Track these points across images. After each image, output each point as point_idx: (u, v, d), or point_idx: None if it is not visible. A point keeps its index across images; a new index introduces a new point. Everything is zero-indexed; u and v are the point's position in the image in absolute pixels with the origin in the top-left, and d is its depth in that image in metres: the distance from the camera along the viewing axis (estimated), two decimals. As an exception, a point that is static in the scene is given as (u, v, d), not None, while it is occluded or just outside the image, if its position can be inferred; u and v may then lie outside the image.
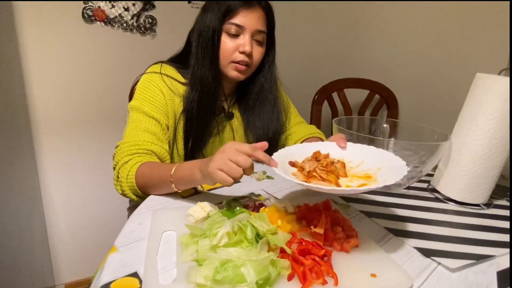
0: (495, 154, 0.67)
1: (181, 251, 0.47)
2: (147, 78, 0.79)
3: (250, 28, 0.76)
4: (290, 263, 0.44)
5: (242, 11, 0.75)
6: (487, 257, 0.52)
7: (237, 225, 0.48)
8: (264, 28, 0.79)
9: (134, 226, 0.56)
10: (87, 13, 1.14)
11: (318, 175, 0.54)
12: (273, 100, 0.88)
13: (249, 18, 0.75)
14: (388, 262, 0.48)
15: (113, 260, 0.46)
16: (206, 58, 0.77)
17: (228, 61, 0.78)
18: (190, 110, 0.80)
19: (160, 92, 0.78)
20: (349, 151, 0.65)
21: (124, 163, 0.69)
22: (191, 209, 0.57)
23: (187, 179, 0.60)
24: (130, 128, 0.74)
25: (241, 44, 0.76)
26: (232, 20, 0.75)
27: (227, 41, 0.77)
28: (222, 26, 0.76)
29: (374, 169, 0.58)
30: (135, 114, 0.76)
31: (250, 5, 0.75)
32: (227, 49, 0.77)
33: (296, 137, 0.93)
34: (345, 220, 0.56)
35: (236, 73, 0.80)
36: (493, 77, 0.66)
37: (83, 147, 1.26)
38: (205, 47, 0.77)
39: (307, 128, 0.96)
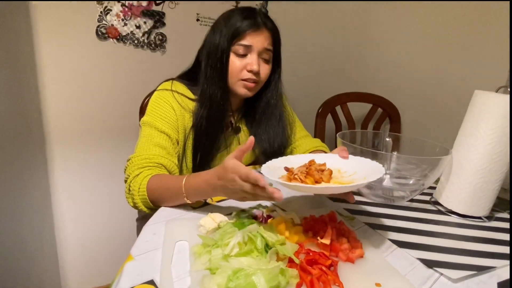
0: (495, 168, 0.69)
1: (194, 260, 0.50)
2: (159, 95, 0.83)
3: (257, 47, 0.80)
4: (298, 272, 0.46)
5: (250, 34, 0.79)
6: (488, 268, 0.54)
7: (247, 236, 0.50)
8: (271, 47, 0.83)
9: (148, 236, 0.58)
10: (101, 30, 1.20)
11: (298, 177, 0.59)
12: (278, 115, 0.92)
13: (256, 39, 0.80)
14: (392, 272, 0.50)
15: (130, 268, 0.49)
16: (215, 77, 0.81)
17: (237, 79, 0.82)
18: (199, 126, 0.83)
19: (171, 108, 0.81)
20: (347, 163, 0.68)
21: (135, 176, 0.71)
22: (202, 220, 0.60)
23: (199, 192, 0.63)
24: (142, 143, 0.77)
25: (249, 63, 0.80)
26: (240, 42, 0.79)
27: (235, 61, 0.81)
28: (230, 47, 0.80)
29: (360, 179, 0.60)
30: (147, 129, 0.79)
31: (257, 27, 0.79)
32: (235, 68, 0.81)
33: (301, 150, 0.96)
34: (350, 232, 0.58)
35: (245, 90, 0.84)
36: (491, 94, 0.69)
37: (94, 159, 1.30)
38: (214, 67, 0.81)
39: (312, 142, 0.99)
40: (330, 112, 1.44)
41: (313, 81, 1.73)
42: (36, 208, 1.15)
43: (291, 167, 0.64)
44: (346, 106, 1.45)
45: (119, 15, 1.21)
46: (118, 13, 1.20)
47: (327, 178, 0.61)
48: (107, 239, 1.40)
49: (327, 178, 0.61)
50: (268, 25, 0.82)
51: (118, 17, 1.21)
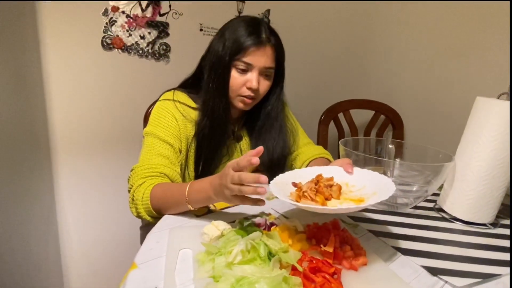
0: (499, 175, 0.69)
1: (198, 268, 0.50)
2: (161, 105, 0.84)
3: (258, 66, 0.80)
4: (301, 280, 0.46)
5: (252, 52, 0.78)
6: (493, 276, 0.54)
7: (250, 244, 0.50)
8: (273, 64, 0.83)
9: (152, 244, 0.59)
10: (106, 41, 1.22)
11: (308, 195, 0.58)
12: (279, 127, 0.92)
13: (258, 57, 0.79)
14: (396, 280, 0.50)
15: (134, 276, 0.49)
16: (217, 90, 0.82)
17: (236, 94, 0.83)
18: (201, 135, 0.84)
19: (173, 118, 0.82)
20: (354, 176, 0.68)
21: (138, 186, 0.72)
22: (206, 228, 0.60)
23: (202, 199, 0.64)
24: (145, 153, 0.78)
25: (249, 80, 0.81)
26: (242, 58, 0.79)
27: (236, 76, 0.81)
28: (232, 62, 0.80)
29: (370, 194, 0.60)
30: (149, 139, 0.80)
31: (260, 45, 0.79)
32: (235, 84, 0.81)
33: (304, 158, 0.96)
34: (354, 239, 0.58)
35: (241, 105, 0.85)
36: (493, 101, 0.69)
37: (98, 167, 1.31)
38: (215, 80, 0.81)
39: (315, 149, 1.00)
40: (332, 119, 1.44)
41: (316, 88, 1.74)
42: (41, 216, 1.16)
43: (298, 182, 0.64)
44: (348, 113, 1.45)
45: (124, 26, 1.23)
46: (123, 24, 1.23)
47: (337, 195, 0.61)
48: (112, 247, 1.41)
49: (336, 194, 0.61)
50: (271, 41, 0.81)
51: (123, 28, 1.23)
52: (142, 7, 1.25)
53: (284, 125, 0.94)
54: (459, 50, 1.32)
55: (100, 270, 1.40)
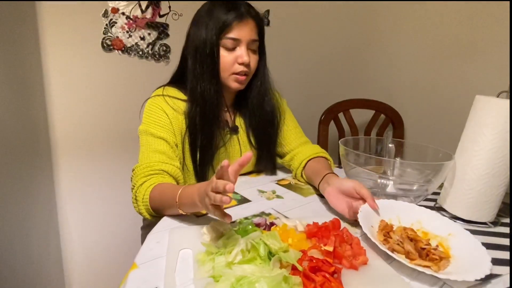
0: (499, 173, 0.69)
1: (198, 268, 0.50)
2: (151, 102, 0.84)
3: (245, 39, 0.80)
4: (301, 280, 0.46)
5: (236, 25, 0.78)
6: (494, 276, 0.53)
7: (250, 243, 0.50)
8: (257, 37, 0.83)
9: (152, 245, 0.59)
10: (106, 42, 1.22)
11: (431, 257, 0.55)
12: (270, 101, 0.93)
13: (243, 31, 0.79)
14: (396, 279, 0.50)
15: (134, 277, 0.49)
16: (206, 73, 0.81)
17: (229, 73, 0.82)
18: (193, 125, 0.83)
19: (163, 113, 0.82)
20: (396, 211, 0.67)
21: (139, 186, 0.73)
22: (206, 228, 0.60)
23: (190, 205, 0.63)
24: (142, 152, 0.79)
25: (239, 56, 0.81)
26: (228, 35, 0.79)
27: (225, 55, 0.80)
28: (219, 41, 0.79)
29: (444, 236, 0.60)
30: (144, 137, 0.81)
31: (242, 18, 0.79)
32: (226, 62, 0.81)
33: (302, 157, 0.95)
34: (354, 238, 0.58)
35: (236, 84, 0.84)
36: (492, 99, 0.69)
37: (99, 168, 1.31)
38: (203, 62, 0.80)
39: (312, 148, 0.98)
40: (333, 119, 1.44)
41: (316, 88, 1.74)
42: (42, 216, 1.16)
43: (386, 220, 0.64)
44: (348, 113, 1.45)
45: (124, 27, 1.23)
46: (123, 25, 1.23)
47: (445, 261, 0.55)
48: (113, 248, 1.41)
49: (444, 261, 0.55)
50: (252, 13, 0.81)
51: (123, 29, 1.23)
52: (142, 8, 1.25)
53: (272, 98, 0.94)
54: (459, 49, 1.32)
55: (101, 270, 1.41)
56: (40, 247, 1.13)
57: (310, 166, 0.91)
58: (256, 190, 0.86)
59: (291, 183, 0.92)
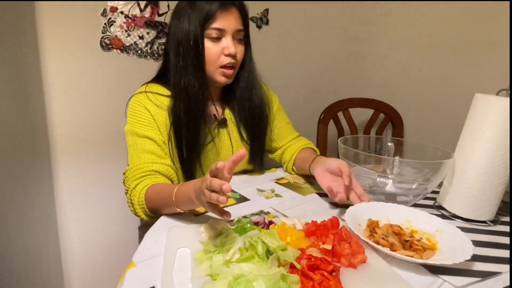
0: (498, 171, 0.68)
1: (196, 266, 0.50)
2: (133, 100, 0.82)
3: (231, 29, 0.77)
4: (299, 278, 0.46)
5: (220, 15, 0.75)
6: (494, 274, 0.53)
7: (248, 242, 0.50)
8: (242, 26, 0.80)
9: (150, 243, 0.58)
10: (105, 41, 1.22)
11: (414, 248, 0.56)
12: (258, 93, 0.90)
13: (228, 20, 0.76)
14: (394, 277, 0.50)
15: (131, 275, 0.49)
16: (190, 67, 0.77)
17: (216, 66, 0.79)
18: (177, 120, 0.80)
19: (145, 110, 0.79)
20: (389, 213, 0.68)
21: (133, 189, 0.72)
22: (204, 227, 0.60)
23: (187, 203, 0.63)
24: (130, 154, 0.77)
25: (225, 47, 0.77)
26: (212, 25, 0.75)
27: (210, 46, 0.77)
28: (203, 32, 0.76)
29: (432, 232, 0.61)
30: (130, 138, 0.79)
31: (226, 7, 0.76)
32: (212, 54, 0.78)
33: (292, 151, 0.97)
34: (352, 237, 0.57)
35: (224, 78, 0.81)
36: (491, 97, 0.69)
37: (98, 168, 1.31)
38: (187, 55, 0.77)
39: (300, 140, 1.01)
40: (332, 118, 1.44)
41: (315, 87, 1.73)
42: (41, 216, 1.16)
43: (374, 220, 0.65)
44: (348, 112, 1.45)
45: (123, 26, 1.23)
46: (122, 24, 1.23)
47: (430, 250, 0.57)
48: (112, 247, 1.40)
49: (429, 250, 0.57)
50: (236, 4, 0.78)
51: (122, 28, 1.23)
52: (141, 7, 1.25)
53: (261, 90, 0.91)
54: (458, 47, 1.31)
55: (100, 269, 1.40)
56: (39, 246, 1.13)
57: (299, 157, 0.94)
58: (255, 189, 0.85)
59: (290, 182, 0.92)
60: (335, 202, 0.78)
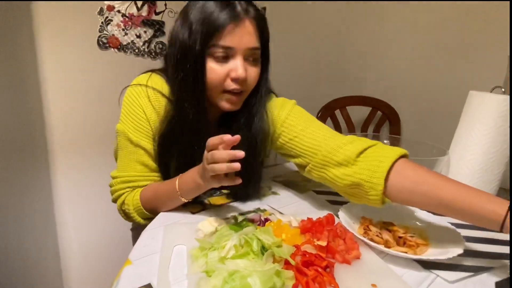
0: (492, 168, 0.69)
1: (192, 263, 0.50)
2: (131, 93, 0.69)
3: (241, 48, 0.61)
4: (294, 274, 0.46)
5: (229, 29, 0.60)
6: (486, 269, 0.54)
7: (243, 238, 0.51)
8: (258, 44, 0.64)
9: (147, 241, 0.59)
10: (102, 40, 1.22)
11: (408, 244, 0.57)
12: (258, 122, 0.72)
13: (238, 37, 0.60)
14: (388, 273, 0.50)
15: (128, 273, 0.50)
16: (187, 91, 0.64)
17: (219, 91, 0.65)
18: (168, 144, 0.69)
19: (142, 113, 0.68)
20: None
21: (122, 202, 0.72)
22: (200, 224, 0.60)
23: (194, 189, 0.63)
24: (121, 156, 0.72)
25: (233, 69, 0.62)
26: (218, 42, 0.60)
27: (214, 68, 0.62)
28: (205, 50, 0.61)
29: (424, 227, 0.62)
30: (122, 141, 0.70)
31: (237, 19, 0.60)
32: (216, 78, 0.63)
33: (362, 167, 0.60)
34: (347, 233, 0.58)
35: (228, 106, 0.67)
36: (486, 94, 0.69)
37: (96, 167, 1.31)
38: (185, 76, 0.63)
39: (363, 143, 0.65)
40: (329, 116, 1.44)
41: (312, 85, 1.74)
42: (38, 217, 1.16)
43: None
44: (345, 110, 1.45)
45: (120, 25, 1.23)
46: (119, 23, 1.23)
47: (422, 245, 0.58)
48: (110, 247, 1.41)
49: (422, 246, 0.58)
50: (251, 13, 0.62)
51: (119, 27, 1.23)
52: (138, 6, 1.25)
53: (266, 126, 0.72)
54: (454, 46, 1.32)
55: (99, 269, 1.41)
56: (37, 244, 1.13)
57: (410, 188, 0.56)
58: (252, 187, 0.85)
59: (287, 180, 0.92)
60: (331, 200, 0.78)
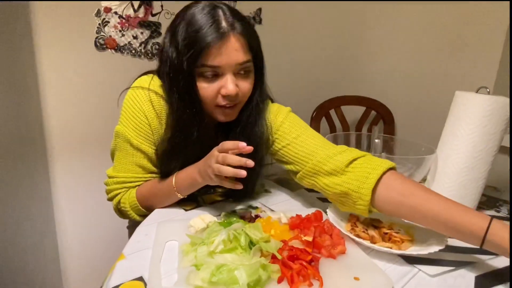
0: (478, 166, 0.71)
1: (182, 257, 0.52)
2: (133, 96, 0.69)
3: (229, 65, 0.61)
4: (279, 267, 0.48)
5: (215, 49, 0.59)
6: (467, 263, 0.56)
7: (232, 234, 0.52)
8: (248, 56, 0.63)
9: (140, 237, 0.61)
10: (99, 41, 1.24)
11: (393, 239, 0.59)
12: (259, 130, 0.72)
13: (225, 55, 0.60)
14: (371, 267, 0.52)
15: (121, 266, 0.52)
16: (187, 111, 0.65)
17: (212, 106, 0.66)
18: (169, 156, 0.70)
19: (144, 118, 0.68)
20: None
21: (118, 202, 0.74)
22: (192, 221, 0.62)
23: (190, 185, 0.67)
24: (119, 157, 0.72)
25: (223, 86, 0.62)
26: (205, 62, 0.60)
27: (205, 86, 0.63)
28: (194, 70, 0.61)
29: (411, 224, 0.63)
30: (121, 143, 0.71)
31: (223, 38, 0.59)
32: (207, 96, 0.64)
33: (354, 177, 0.62)
34: (334, 229, 0.60)
35: (223, 118, 0.68)
36: (471, 95, 0.71)
37: (94, 167, 1.33)
38: (180, 96, 0.64)
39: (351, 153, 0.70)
40: (324, 115, 1.46)
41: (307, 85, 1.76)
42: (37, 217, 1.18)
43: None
44: (340, 110, 1.47)
45: (117, 26, 1.25)
46: (116, 24, 1.25)
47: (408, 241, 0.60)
48: (109, 245, 1.43)
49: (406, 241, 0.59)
50: (236, 28, 0.61)
51: (116, 28, 1.25)
52: (134, 7, 1.26)
53: (263, 132, 0.72)
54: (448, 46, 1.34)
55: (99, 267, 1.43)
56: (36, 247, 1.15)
57: (397, 201, 0.57)
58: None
59: (280, 178, 0.94)
60: (321, 197, 0.80)
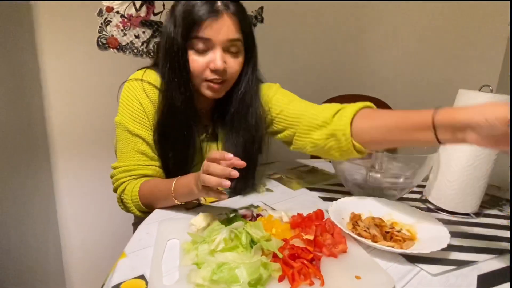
0: (480, 165, 0.70)
1: (183, 256, 0.52)
2: (128, 87, 0.74)
3: (220, 40, 0.66)
4: (280, 266, 0.48)
5: (208, 23, 0.65)
6: (469, 263, 0.55)
7: (233, 232, 0.53)
8: (238, 35, 0.69)
9: (142, 235, 0.61)
10: (102, 41, 1.24)
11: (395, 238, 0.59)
12: (255, 112, 0.78)
13: (216, 29, 0.65)
14: (373, 266, 0.52)
15: (123, 265, 0.52)
16: (176, 80, 0.70)
17: (200, 80, 0.71)
18: (162, 135, 0.74)
19: (139, 105, 0.73)
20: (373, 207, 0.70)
21: (123, 190, 0.74)
22: (194, 219, 0.62)
23: (187, 194, 0.65)
24: (120, 149, 0.75)
25: (212, 61, 0.68)
26: (197, 35, 0.65)
27: (195, 59, 0.68)
28: (186, 42, 0.67)
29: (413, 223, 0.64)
30: (121, 132, 0.75)
31: (216, 14, 0.65)
32: (196, 68, 0.69)
33: (338, 124, 0.74)
34: (335, 228, 0.60)
35: (210, 93, 0.72)
36: (473, 93, 0.70)
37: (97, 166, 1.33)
38: (172, 68, 0.69)
39: (334, 106, 0.80)
40: (326, 114, 1.45)
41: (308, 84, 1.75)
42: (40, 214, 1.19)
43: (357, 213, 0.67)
44: (342, 108, 1.46)
45: (119, 26, 1.25)
46: (118, 24, 1.25)
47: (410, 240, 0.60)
48: (111, 243, 1.44)
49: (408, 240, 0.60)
50: (230, 8, 0.67)
51: (118, 27, 1.25)
52: (136, 7, 1.27)
53: (261, 113, 0.78)
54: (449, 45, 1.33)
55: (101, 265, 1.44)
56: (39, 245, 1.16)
57: (368, 125, 0.68)
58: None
59: (282, 177, 0.94)
60: (323, 196, 0.80)
